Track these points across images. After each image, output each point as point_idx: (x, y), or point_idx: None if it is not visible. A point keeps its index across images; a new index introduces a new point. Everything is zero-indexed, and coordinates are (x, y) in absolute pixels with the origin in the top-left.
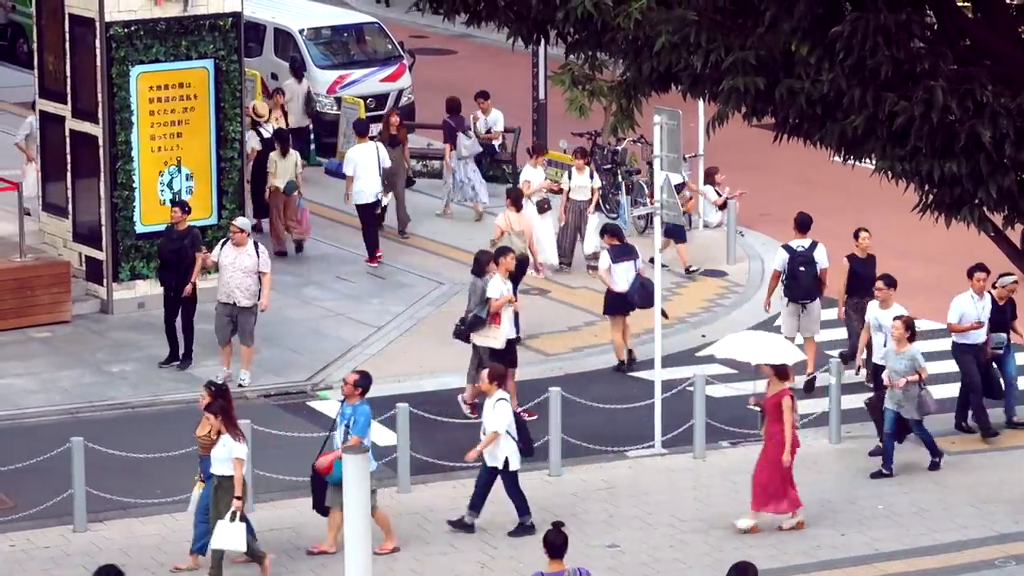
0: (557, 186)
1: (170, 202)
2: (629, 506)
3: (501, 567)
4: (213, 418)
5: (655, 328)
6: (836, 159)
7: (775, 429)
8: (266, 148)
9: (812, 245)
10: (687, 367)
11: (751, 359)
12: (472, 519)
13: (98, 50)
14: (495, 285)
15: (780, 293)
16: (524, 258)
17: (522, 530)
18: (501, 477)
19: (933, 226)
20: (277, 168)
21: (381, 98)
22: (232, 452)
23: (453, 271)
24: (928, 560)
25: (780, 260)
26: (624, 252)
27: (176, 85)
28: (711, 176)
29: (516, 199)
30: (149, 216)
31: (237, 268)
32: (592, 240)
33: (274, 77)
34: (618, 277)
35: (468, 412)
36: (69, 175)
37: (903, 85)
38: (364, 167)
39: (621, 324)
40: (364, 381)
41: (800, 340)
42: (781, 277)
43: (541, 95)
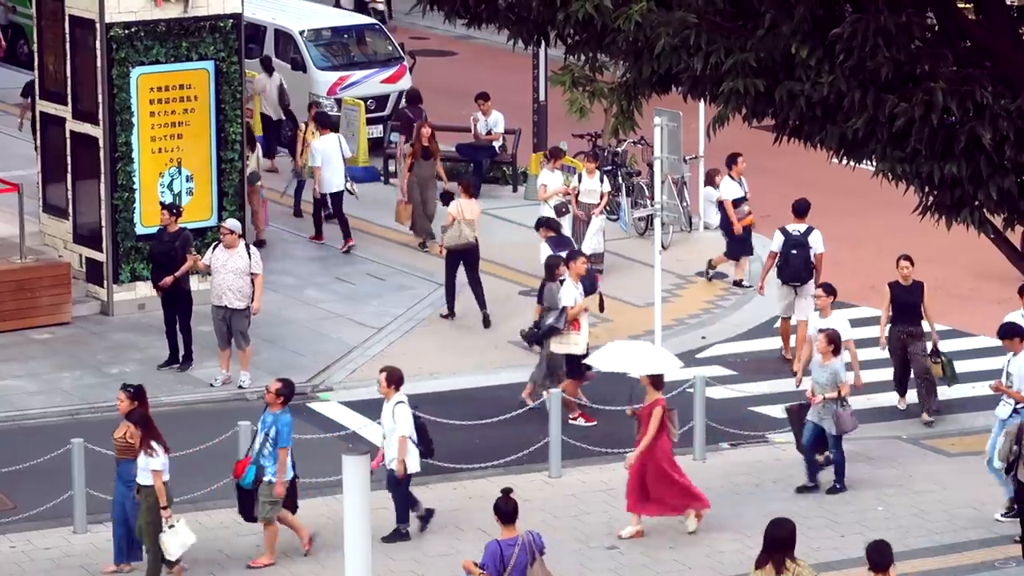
0: (571, 190)
1: (160, 205)
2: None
3: None
4: (132, 426)
5: (655, 330)
6: (836, 161)
7: (654, 438)
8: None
9: (808, 230)
10: (687, 369)
11: (628, 370)
12: (423, 513)
13: (98, 51)
14: (569, 292)
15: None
16: (473, 245)
17: (396, 536)
18: (391, 477)
19: (934, 228)
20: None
21: (381, 100)
22: (148, 464)
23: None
24: (929, 562)
25: (776, 243)
26: (561, 244)
27: (176, 86)
28: (712, 178)
29: (468, 186)
30: (149, 218)
31: (228, 270)
32: (591, 242)
33: None
34: None
35: (529, 403)
36: (69, 176)
37: (903, 87)
38: (330, 158)
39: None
40: (286, 390)
41: (794, 321)
42: (776, 260)
43: (541, 96)
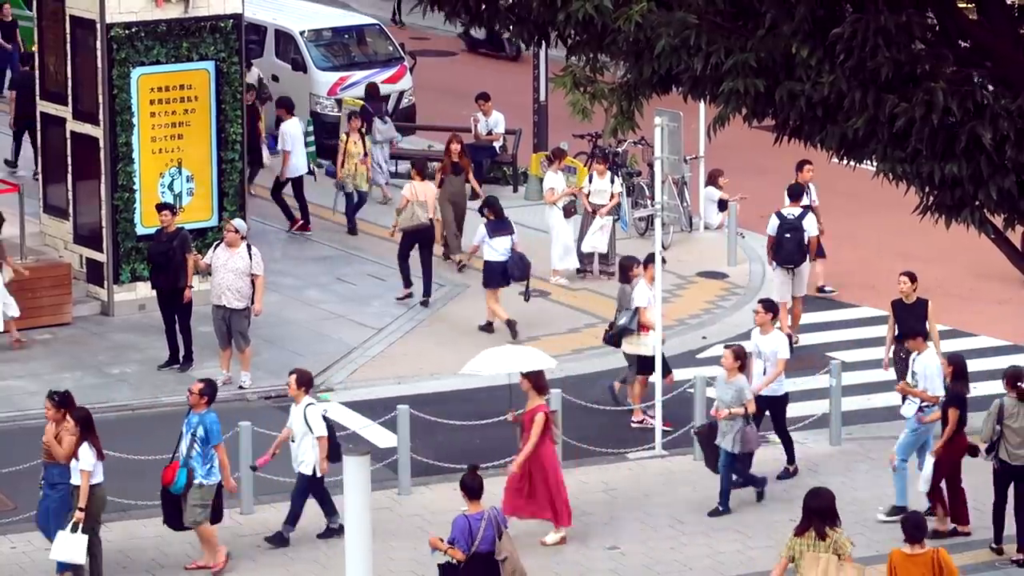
0: (580, 192)
1: (156, 206)
2: (629, 508)
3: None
4: (71, 424)
5: (656, 330)
6: (836, 161)
7: (537, 444)
8: None
9: (802, 213)
10: (688, 369)
11: (506, 370)
12: (336, 523)
13: (99, 52)
14: (642, 293)
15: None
16: (427, 226)
17: (277, 537)
18: (300, 480)
19: (934, 228)
20: None
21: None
22: (79, 464)
23: (453, 273)
24: None
25: (771, 226)
26: (500, 227)
27: (177, 87)
28: (715, 178)
29: (421, 169)
30: (150, 218)
31: (228, 270)
32: (590, 240)
33: (275, 79)
34: (492, 249)
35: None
36: (70, 177)
37: (904, 87)
38: (296, 142)
39: (496, 295)
40: (209, 389)
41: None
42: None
43: (542, 97)
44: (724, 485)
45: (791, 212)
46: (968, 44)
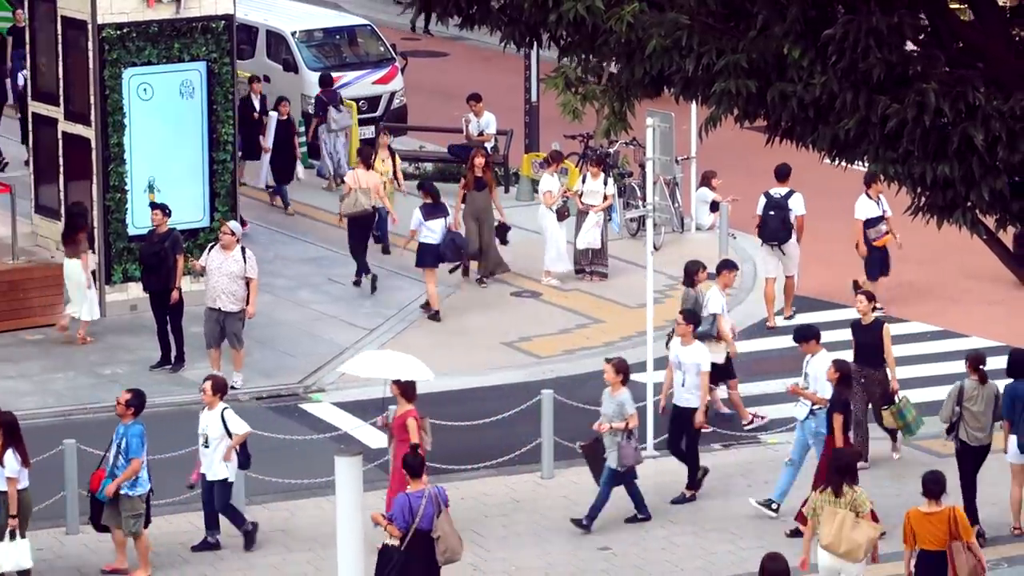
0: (573, 193)
1: (150, 205)
2: (621, 509)
3: (493, 569)
4: None
5: (647, 331)
6: (828, 162)
7: (401, 450)
8: None
9: (788, 193)
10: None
11: (380, 376)
12: (214, 537)
13: (90, 52)
14: (717, 300)
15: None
16: (370, 213)
17: (205, 546)
18: (217, 488)
19: (925, 228)
20: None
21: (373, 100)
22: (4, 471)
23: (444, 274)
24: None
25: (759, 205)
26: (436, 210)
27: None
28: (708, 180)
29: (365, 157)
30: (142, 219)
31: (223, 273)
32: (585, 236)
33: (266, 79)
34: (429, 231)
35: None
36: (61, 177)
37: (895, 88)
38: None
39: (434, 276)
40: (136, 400)
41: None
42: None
43: (533, 98)
44: (598, 501)
45: (778, 191)
46: (960, 45)
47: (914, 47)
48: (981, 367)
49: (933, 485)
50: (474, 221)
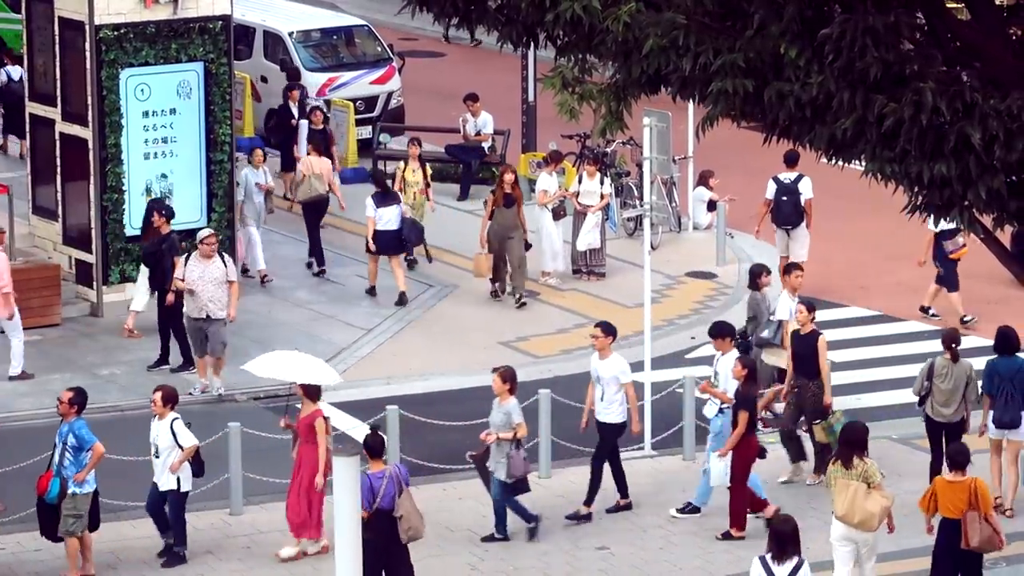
0: (569, 193)
1: (152, 206)
2: (621, 513)
3: (490, 568)
4: None
5: (644, 331)
6: (825, 161)
7: (307, 451)
8: None
9: (798, 178)
10: (676, 369)
11: (285, 377)
12: (183, 550)
13: (88, 53)
14: (785, 306)
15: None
16: (323, 198)
17: (172, 557)
18: (169, 498)
19: (922, 228)
20: None
21: (370, 100)
22: None
23: (441, 273)
24: (922, 561)
25: (769, 190)
26: (387, 198)
27: None
28: (706, 179)
29: (317, 145)
30: (139, 219)
31: (208, 281)
32: (585, 238)
33: (264, 80)
34: (383, 219)
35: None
36: (59, 178)
37: (892, 87)
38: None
39: (377, 260)
40: (79, 398)
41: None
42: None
43: (530, 97)
44: (498, 510)
45: (787, 176)
46: (957, 44)
47: (911, 46)
48: (954, 346)
49: (958, 456)
50: (499, 239)
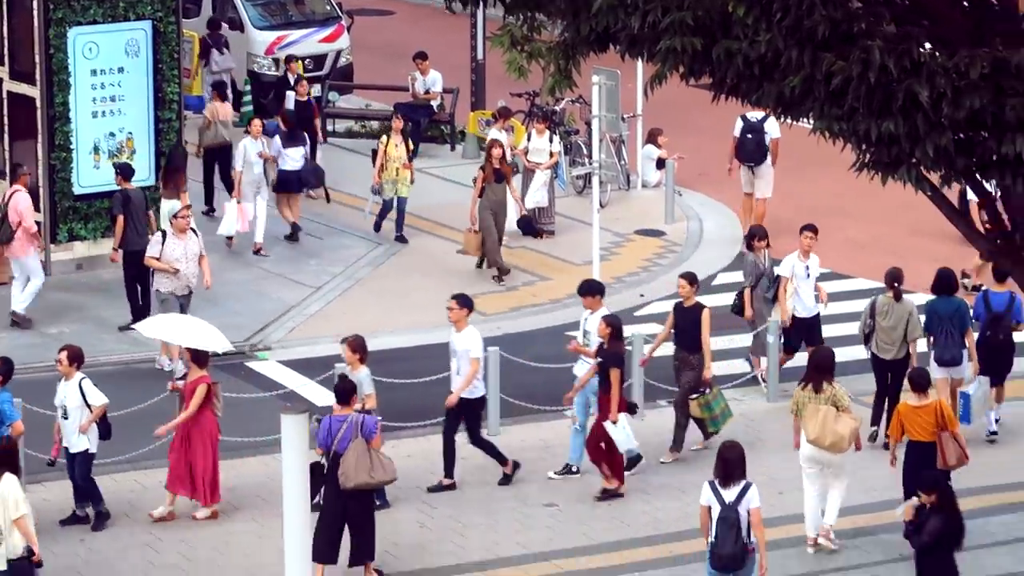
0: (519, 150)
1: (113, 166)
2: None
3: (440, 526)
4: None
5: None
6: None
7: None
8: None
9: (764, 117)
10: (625, 327)
11: (176, 341)
12: (103, 508)
13: (35, 11)
14: (787, 264)
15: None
16: (228, 143)
17: (97, 517)
18: (77, 460)
19: (870, 185)
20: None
21: (319, 59)
22: None
23: (390, 232)
24: (865, 517)
25: (736, 128)
26: (294, 138)
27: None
28: (654, 137)
29: (220, 91)
30: (87, 177)
31: (190, 257)
32: (534, 196)
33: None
34: (287, 158)
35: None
36: (7, 137)
37: (840, 45)
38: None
39: (287, 200)
40: (5, 367)
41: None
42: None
43: (479, 55)
44: None
45: (755, 115)
46: (905, 2)
47: (859, 4)
48: (897, 284)
49: (920, 379)
50: (491, 214)
